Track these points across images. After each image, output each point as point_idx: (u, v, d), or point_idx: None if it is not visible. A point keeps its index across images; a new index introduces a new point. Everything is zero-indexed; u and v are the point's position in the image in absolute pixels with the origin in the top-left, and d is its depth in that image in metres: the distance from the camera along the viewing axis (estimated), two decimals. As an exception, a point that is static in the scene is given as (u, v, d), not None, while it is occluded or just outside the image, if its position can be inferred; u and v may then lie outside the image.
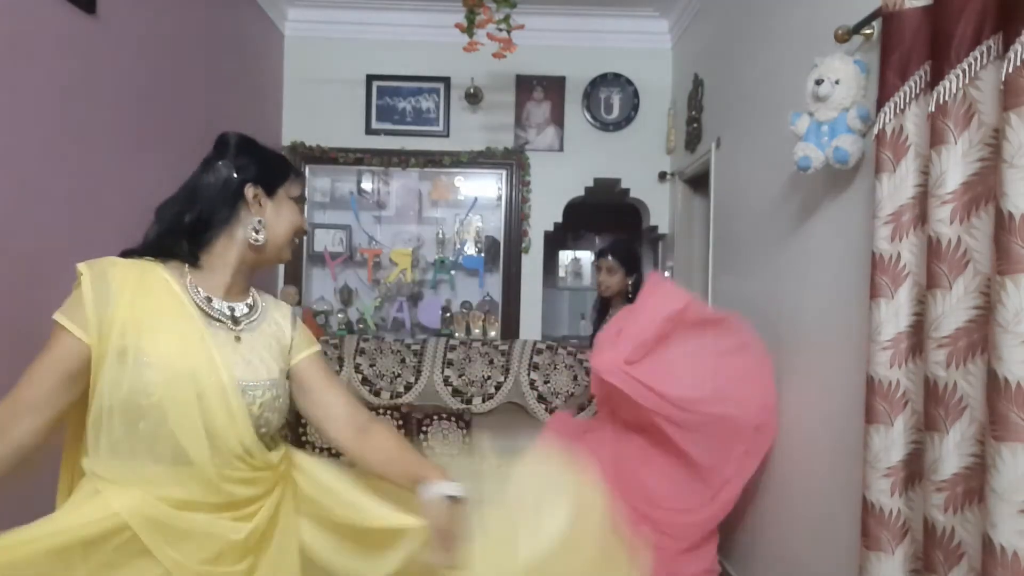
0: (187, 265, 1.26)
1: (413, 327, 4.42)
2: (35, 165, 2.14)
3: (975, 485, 1.40)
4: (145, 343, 1.15)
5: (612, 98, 4.46)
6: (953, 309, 1.46)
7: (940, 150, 1.49)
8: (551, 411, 3.81)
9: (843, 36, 1.99)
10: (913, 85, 1.65)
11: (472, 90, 4.35)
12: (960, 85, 1.47)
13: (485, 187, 4.53)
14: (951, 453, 1.45)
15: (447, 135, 4.44)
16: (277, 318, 1.36)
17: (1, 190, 2.01)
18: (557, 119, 4.45)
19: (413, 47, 4.40)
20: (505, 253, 4.46)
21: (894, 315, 1.67)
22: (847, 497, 2.06)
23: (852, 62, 1.97)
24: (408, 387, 4.00)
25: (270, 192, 1.30)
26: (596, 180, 4.47)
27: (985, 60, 1.44)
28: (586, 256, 6.65)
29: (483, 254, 4.49)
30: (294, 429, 3.87)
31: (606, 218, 6.26)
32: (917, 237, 1.65)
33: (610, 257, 3.05)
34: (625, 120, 4.45)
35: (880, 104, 1.72)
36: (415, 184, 4.57)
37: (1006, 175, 1.30)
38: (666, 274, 4.49)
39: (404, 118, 4.45)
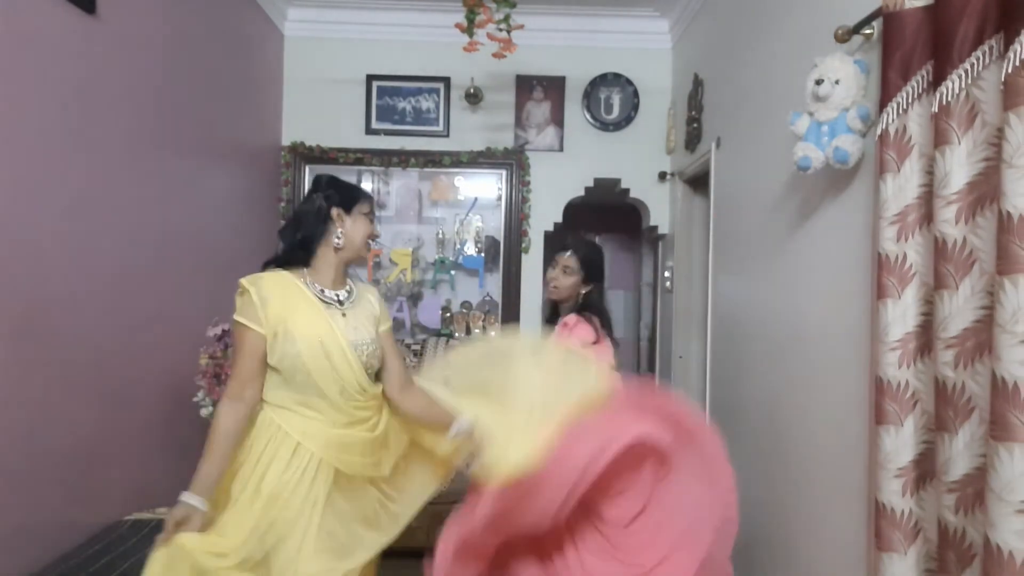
0: (304, 268, 1.87)
1: (413, 327, 4.42)
2: (35, 165, 2.14)
3: (984, 486, 1.40)
4: (291, 326, 1.76)
5: (612, 98, 4.46)
6: (960, 310, 1.46)
7: (944, 150, 1.50)
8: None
9: (843, 36, 1.99)
10: (915, 85, 1.65)
11: (472, 90, 4.34)
12: (963, 85, 1.47)
13: (485, 187, 4.52)
14: (961, 454, 1.45)
15: (447, 135, 4.44)
16: (369, 297, 1.98)
17: (0, 189, 2.00)
18: (557, 119, 4.45)
19: (413, 47, 4.40)
20: (505, 253, 4.46)
21: (901, 315, 1.67)
22: (850, 497, 2.06)
23: (852, 62, 1.97)
24: (408, 387, 4.00)
25: (348, 211, 1.89)
26: (596, 180, 4.47)
27: (987, 60, 1.44)
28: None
29: (483, 254, 4.49)
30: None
31: (606, 218, 6.26)
32: (923, 237, 1.65)
33: (571, 254, 2.57)
34: (625, 120, 4.45)
35: (883, 104, 1.72)
36: (415, 184, 4.56)
37: (1006, 175, 1.31)
38: (666, 274, 4.49)
39: (404, 118, 4.45)
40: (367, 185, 4.51)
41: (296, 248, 1.87)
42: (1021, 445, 1.27)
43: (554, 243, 3.80)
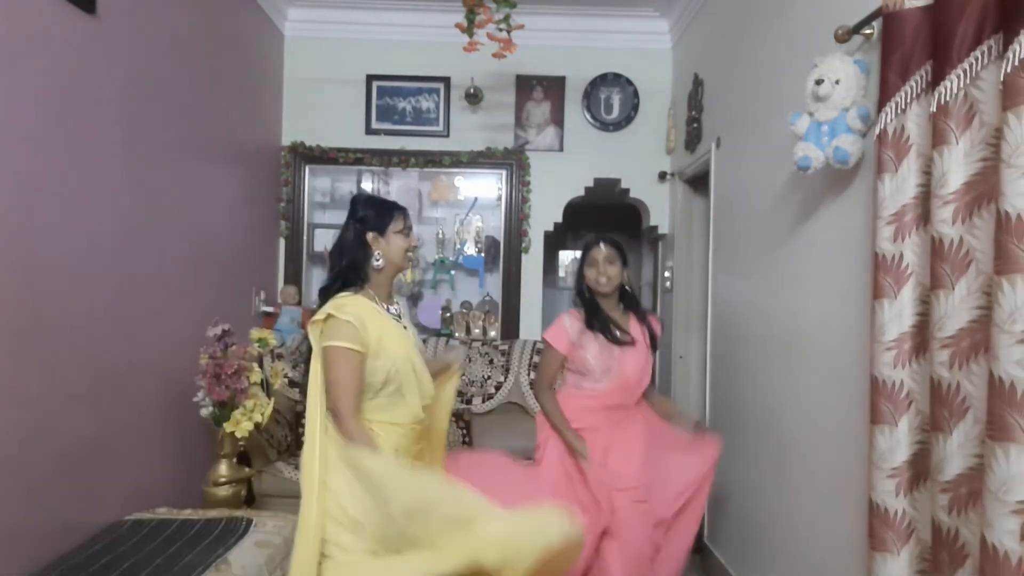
0: (365, 288, 1.99)
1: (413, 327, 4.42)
2: (35, 165, 2.14)
3: (978, 487, 1.40)
4: (386, 344, 1.91)
5: (612, 98, 4.46)
6: (956, 310, 1.46)
7: (942, 150, 1.49)
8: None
9: (843, 36, 1.99)
10: (914, 85, 1.65)
11: (472, 90, 4.35)
12: (961, 85, 1.47)
13: (485, 187, 4.53)
14: (955, 454, 1.45)
15: (447, 135, 4.44)
16: (407, 310, 2.15)
17: (0, 189, 2.00)
18: (557, 119, 4.45)
19: (413, 47, 4.40)
20: (505, 253, 4.46)
21: (897, 315, 1.66)
22: (848, 497, 2.06)
23: (852, 62, 1.97)
24: (408, 387, 4.00)
25: (382, 233, 2.00)
26: (596, 180, 4.47)
27: (986, 60, 1.44)
28: (579, 256, 6.67)
29: (483, 254, 4.49)
30: (294, 429, 3.87)
31: (606, 218, 6.25)
32: (920, 237, 1.64)
33: (603, 245, 2.61)
34: (625, 120, 4.45)
35: (881, 104, 1.72)
36: (415, 184, 4.56)
37: (1004, 175, 1.31)
38: (666, 274, 4.49)
39: (404, 118, 4.45)
40: (367, 185, 4.52)
41: (348, 272, 1.99)
42: (1018, 446, 1.27)
43: (553, 243, 3.79)
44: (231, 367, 2.85)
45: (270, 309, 4.16)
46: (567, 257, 6.71)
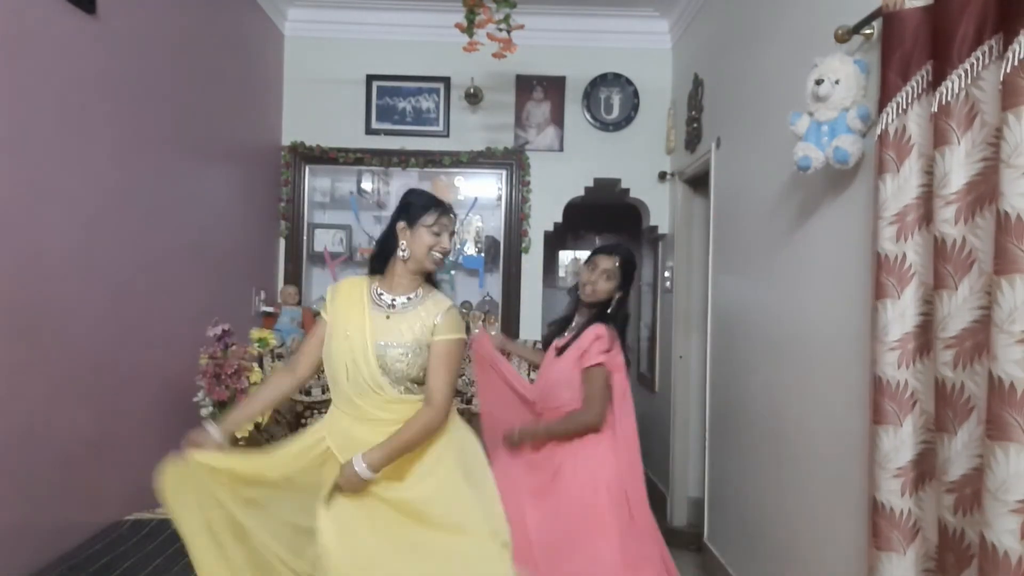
0: (378, 276, 2.04)
1: (413, 327, 4.42)
2: (34, 165, 2.14)
3: (982, 487, 1.40)
4: (336, 322, 1.97)
5: (612, 98, 4.46)
6: (959, 310, 1.46)
7: (944, 151, 1.50)
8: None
9: (843, 36, 1.99)
10: (915, 85, 1.65)
11: (472, 90, 4.34)
12: (962, 85, 1.47)
13: (485, 187, 4.52)
14: (960, 454, 1.45)
15: (447, 135, 4.44)
16: (430, 307, 1.98)
17: (1, 189, 2.00)
18: (557, 119, 4.45)
19: (413, 47, 4.40)
20: (505, 253, 4.46)
21: (900, 315, 1.66)
22: (849, 497, 2.06)
23: (852, 62, 1.97)
24: (408, 387, 4.00)
25: (411, 225, 1.96)
26: (596, 180, 4.47)
27: (987, 60, 1.44)
28: (585, 257, 6.66)
29: (483, 254, 4.49)
30: (294, 429, 3.87)
31: (606, 218, 6.26)
32: (922, 237, 1.65)
33: (616, 260, 2.43)
34: (625, 120, 4.45)
35: (882, 104, 1.72)
36: (415, 184, 4.56)
37: (1004, 175, 1.31)
38: (666, 274, 4.49)
39: (404, 118, 4.45)
40: (367, 185, 4.52)
41: (375, 258, 2.06)
42: (1017, 445, 1.27)
43: (553, 243, 3.77)
44: (231, 367, 2.85)
45: (270, 309, 4.16)
46: (567, 257, 6.71)
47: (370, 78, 4.42)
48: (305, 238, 4.43)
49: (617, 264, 2.43)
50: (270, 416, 2.97)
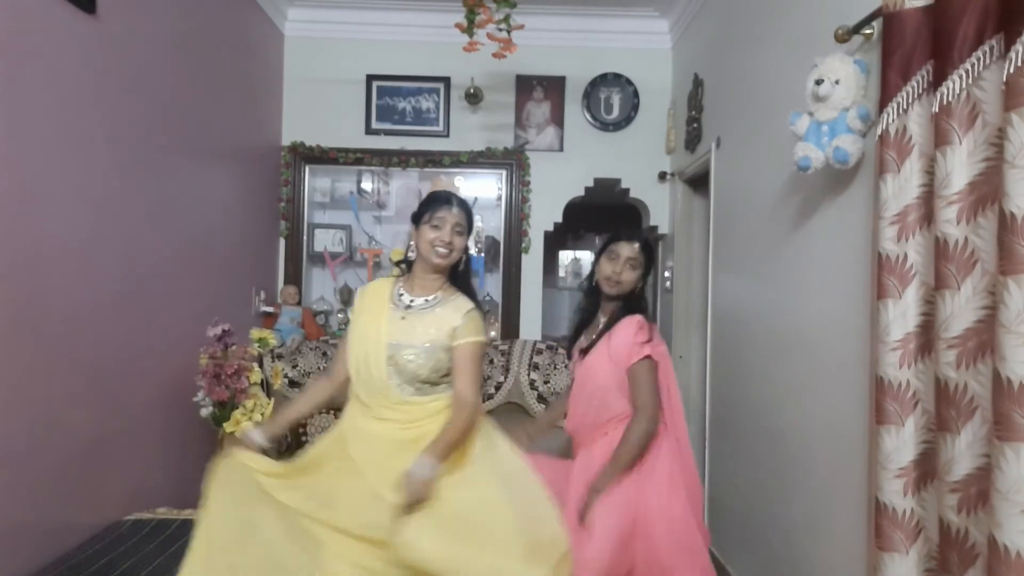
0: (404, 277, 2.09)
1: (413, 327, 4.42)
2: (35, 165, 2.14)
3: (987, 486, 1.40)
4: (355, 327, 2.04)
5: (612, 98, 4.46)
6: (962, 309, 1.46)
7: (945, 151, 1.49)
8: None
9: (843, 36, 1.99)
10: (916, 85, 1.65)
11: (472, 90, 4.34)
12: (963, 85, 1.47)
13: (485, 187, 4.52)
14: (963, 454, 1.45)
15: (447, 135, 4.44)
16: (450, 310, 2.00)
17: (0, 189, 2.00)
18: (557, 119, 4.45)
19: (413, 47, 4.40)
20: (505, 253, 4.46)
21: (902, 315, 1.66)
22: (850, 496, 2.06)
23: (852, 62, 1.97)
24: (408, 387, 4.00)
25: (417, 224, 2.02)
26: (596, 180, 4.47)
27: (988, 60, 1.44)
28: (586, 256, 6.65)
29: (483, 254, 4.49)
30: (294, 429, 3.87)
31: (606, 218, 6.25)
32: (923, 237, 1.64)
33: (638, 246, 2.27)
34: (625, 120, 4.45)
35: (883, 105, 1.72)
36: (415, 184, 4.56)
37: (1008, 176, 1.31)
38: (666, 274, 4.49)
39: (404, 118, 4.45)
40: (367, 185, 4.52)
41: (402, 261, 2.13)
42: (1026, 445, 1.27)
43: (553, 243, 3.73)
44: (231, 367, 2.85)
45: (270, 309, 4.16)
46: (567, 257, 6.71)
47: (370, 78, 4.42)
48: (305, 238, 4.43)
49: (639, 250, 2.27)
50: (270, 416, 2.97)
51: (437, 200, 2.03)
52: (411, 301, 2.01)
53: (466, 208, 2.05)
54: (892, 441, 1.67)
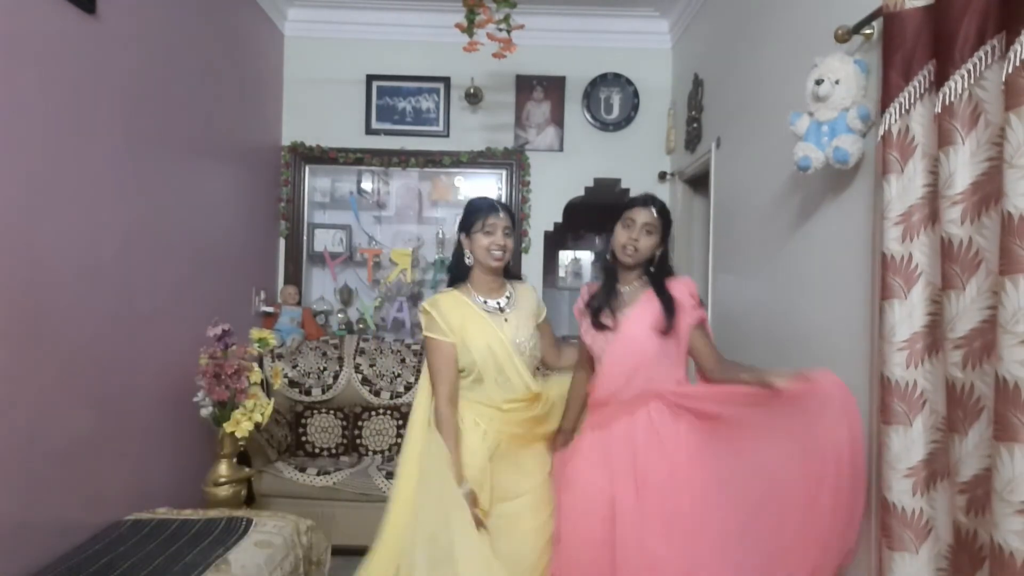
0: (467, 285, 2.27)
1: (413, 327, 4.42)
2: (35, 165, 2.14)
3: (990, 487, 1.40)
4: (466, 336, 2.15)
5: (612, 98, 4.46)
6: (967, 310, 1.46)
7: (948, 151, 1.49)
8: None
9: (843, 36, 1.99)
10: (917, 85, 1.64)
11: (472, 90, 4.34)
12: (965, 85, 1.47)
13: (485, 187, 4.52)
14: (971, 455, 1.45)
15: (447, 135, 4.44)
16: (528, 296, 2.36)
17: (1, 190, 2.00)
18: (557, 119, 4.45)
19: (413, 47, 4.40)
20: (505, 253, 4.45)
21: (908, 316, 1.66)
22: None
23: (852, 62, 1.97)
24: (408, 387, 4.00)
25: (469, 233, 2.22)
26: (596, 180, 4.47)
27: (989, 60, 1.44)
28: (586, 256, 6.65)
29: (483, 254, 4.48)
30: (294, 429, 3.87)
31: (606, 218, 6.25)
32: (928, 237, 1.64)
33: (654, 210, 2.19)
34: (625, 120, 4.45)
35: (884, 105, 1.71)
36: (415, 184, 4.56)
37: (1007, 175, 1.31)
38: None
39: (404, 118, 4.45)
40: (367, 185, 4.52)
41: (453, 270, 2.31)
42: (1022, 445, 1.27)
43: (553, 243, 3.68)
44: (231, 367, 2.84)
45: (270, 309, 4.16)
46: (567, 257, 6.70)
47: (370, 78, 4.42)
48: (305, 238, 4.43)
49: (655, 214, 2.19)
50: (270, 415, 2.97)
51: (483, 208, 2.22)
52: (498, 303, 2.25)
53: (509, 211, 2.27)
54: (900, 441, 1.67)
